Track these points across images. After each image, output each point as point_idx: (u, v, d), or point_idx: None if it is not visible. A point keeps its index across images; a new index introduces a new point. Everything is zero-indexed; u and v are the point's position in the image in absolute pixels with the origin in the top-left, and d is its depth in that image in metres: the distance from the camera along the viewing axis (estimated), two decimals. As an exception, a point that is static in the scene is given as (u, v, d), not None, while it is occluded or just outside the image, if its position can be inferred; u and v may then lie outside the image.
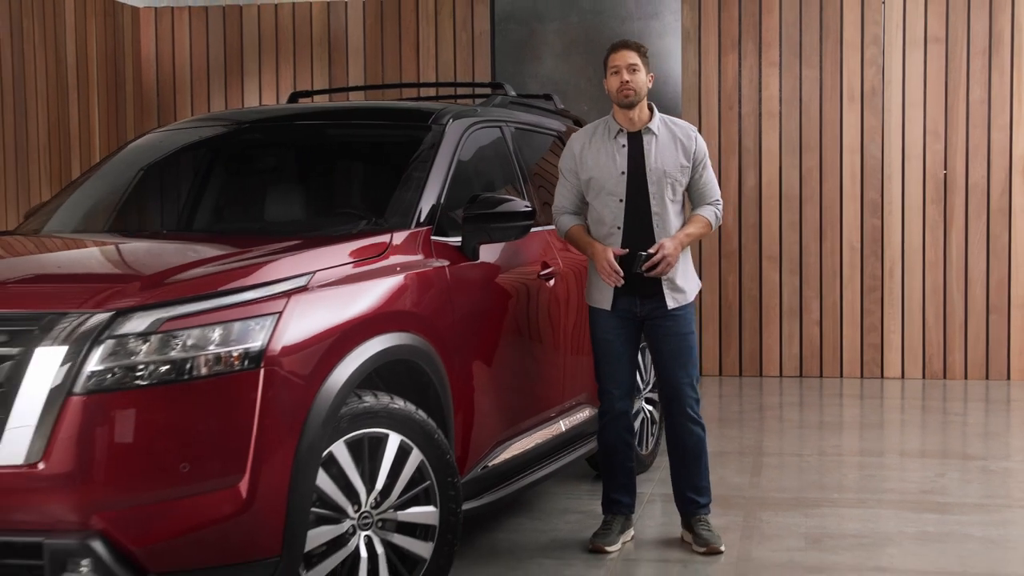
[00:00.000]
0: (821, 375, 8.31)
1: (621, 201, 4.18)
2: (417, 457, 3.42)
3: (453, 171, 4.12)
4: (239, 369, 2.98)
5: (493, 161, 4.60)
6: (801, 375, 8.33)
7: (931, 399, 7.48)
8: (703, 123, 8.35)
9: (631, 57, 4.18)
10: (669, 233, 4.15)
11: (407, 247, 3.73)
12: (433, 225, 3.89)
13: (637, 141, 4.21)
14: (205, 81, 9.20)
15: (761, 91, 8.34)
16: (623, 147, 4.20)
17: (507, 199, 3.98)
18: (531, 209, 4.03)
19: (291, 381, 3.07)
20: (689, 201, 4.34)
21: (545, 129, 5.19)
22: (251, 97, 9.13)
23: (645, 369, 5.25)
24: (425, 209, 3.89)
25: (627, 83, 4.15)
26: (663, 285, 4.17)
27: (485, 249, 4.07)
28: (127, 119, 8.98)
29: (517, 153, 4.75)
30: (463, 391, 3.84)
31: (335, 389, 3.18)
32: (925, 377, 8.18)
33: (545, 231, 4.65)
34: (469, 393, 3.88)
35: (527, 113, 5.12)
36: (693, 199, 4.32)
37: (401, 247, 3.70)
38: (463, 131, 4.32)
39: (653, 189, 4.16)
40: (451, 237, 3.96)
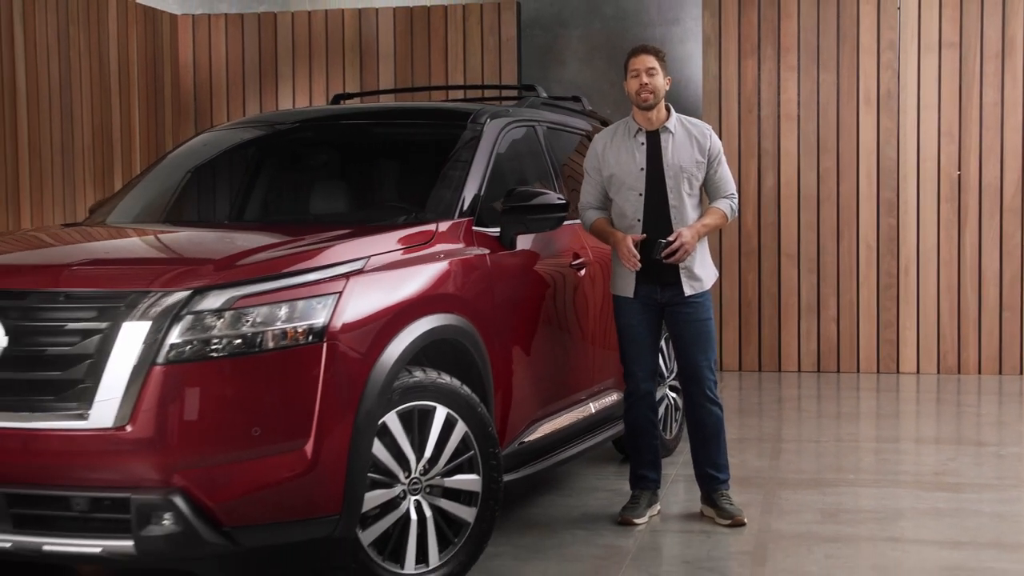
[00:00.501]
0: (838, 370, 8.55)
1: (640, 195, 4.46)
2: (462, 429, 3.70)
3: (491, 166, 4.41)
4: (304, 343, 3.27)
5: (527, 158, 4.88)
6: (819, 370, 8.57)
7: (945, 392, 7.72)
8: (723, 126, 8.62)
9: (650, 61, 4.47)
10: (686, 224, 4.43)
11: (451, 236, 4.02)
12: (474, 216, 4.18)
13: (655, 139, 4.49)
14: (240, 86, 9.52)
15: (780, 94, 8.60)
16: (642, 145, 4.49)
17: (542, 192, 4.26)
18: (565, 202, 4.31)
19: (350, 355, 3.35)
20: (706, 196, 4.62)
21: (574, 129, 5.47)
22: (285, 101, 9.45)
23: (668, 358, 5.52)
24: (467, 201, 4.18)
25: (645, 86, 4.44)
26: (681, 273, 4.45)
27: (522, 239, 4.35)
28: (165, 122, 9.32)
29: (549, 150, 5.03)
30: (502, 371, 4.11)
31: (389, 364, 3.46)
32: (940, 372, 8.40)
33: (576, 224, 4.93)
34: (508, 373, 4.16)
35: (557, 113, 5.40)
36: (710, 193, 4.60)
37: (445, 236, 3.99)
38: (500, 130, 4.60)
39: (670, 183, 4.45)
40: (490, 228, 4.24)
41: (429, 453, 3.62)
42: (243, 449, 3.18)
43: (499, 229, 4.26)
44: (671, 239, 4.36)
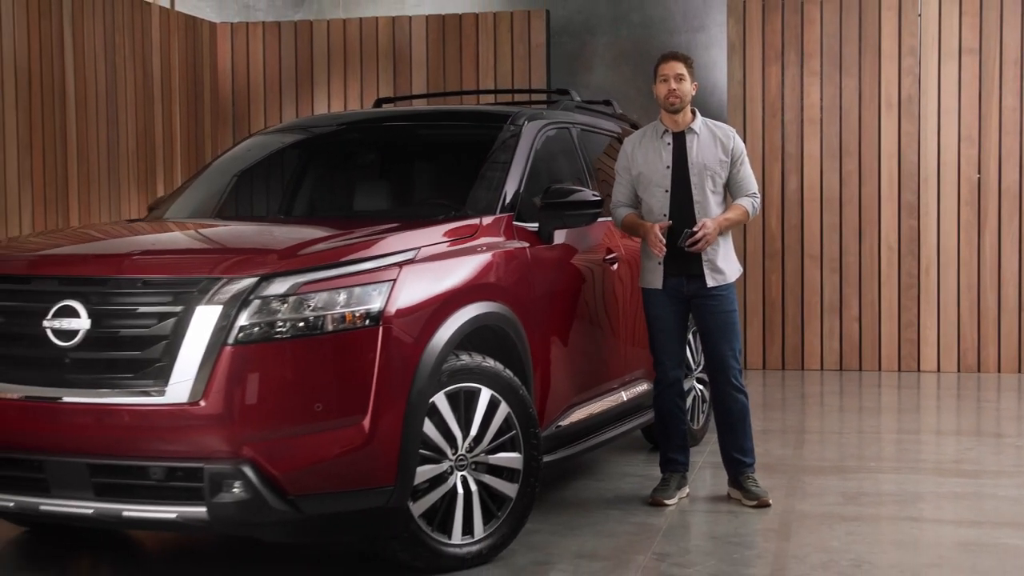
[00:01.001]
0: (860, 369, 8.75)
1: (666, 192, 4.71)
2: (505, 409, 3.95)
3: (529, 165, 4.66)
4: (361, 327, 3.53)
5: (562, 157, 5.13)
6: (841, 369, 8.78)
7: (965, 389, 7.91)
8: (747, 130, 8.84)
9: (678, 67, 4.73)
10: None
11: (493, 230, 4.27)
12: (514, 212, 4.43)
13: (681, 140, 4.75)
14: (277, 92, 9.82)
15: (803, 99, 8.82)
16: (668, 145, 4.75)
17: (578, 189, 4.52)
18: (599, 198, 4.56)
19: (403, 339, 3.61)
20: (730, 195, 4.86)
21: (606, 131, 5.71)
22: (320, 107, 9.74)
23: (695, 351, 5.75)
24: (508, 197, 4.44)
25: (674, 91, 4.70)
26: (704, 267, 4.69)
27: (559, 234, 4.61)
28: (204, 127, 9.63)
29: (582, 151, 5.28)
30: (541, 357, 4.36)
31: (439, 347, 3.72)
32: (960, 371, 8.59)
33: (608, 221, 5.17)
34: (546, 359, 4.41)
35: (590, 116, 5.65)
36: (733, 192, 4.85)
37: (488, 230, 4.25)
38: (537, 131, 4.86)
39: (695, 180, 4.70)
40: (529, 223, 4.49)
41: (474, 432, 3.87)
42: (306, 423, 3.44)
43: (538, 224, 4.51)
44: (695, 228, 4.60)
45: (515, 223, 4.41)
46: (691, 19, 9.53)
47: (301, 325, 3.47)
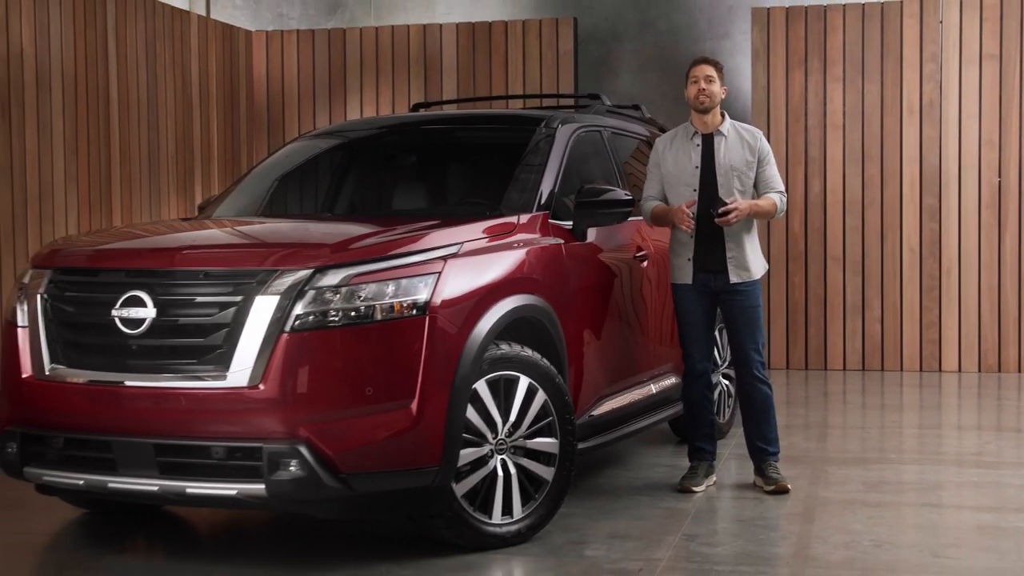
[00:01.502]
0: (882, 369, 8.90)
1: (694, 191, 4.93)
2: (542, 397, 4.16)
3: (563, 166, 4.88)
4: (408, 316, 3.76)
5: (594, 159, 5.35)
6: (863, 369, 8.94)
7: (986, 388, 8.05)
8: (771, 135, 9.03)
9: (708, 70, 4.97)
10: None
11: (530, 227, 4.49)
12: (550, 210, 4.65)
13: (709, 141, 4.97)
14: (311, 98, 10.07)
15: (826, 105, 9.01)
16: (697, 146, 4.97)
17: (611, 189, 4.73)
18: (631, 198, 4.77)
19: (448, 328, 3.84)
20: (757, 194, 5.07)
21: (635, 134, 5.93)
22: (353, 113, 9.99)
23: (721, 347, 5.95)
24: (543, 196, 4.66)
25: (703, 90, 4.93)
26: (729, 264, 4.89)
27: (591, 232, 4.82)
28: (240, 132, 9.90)
29: (613, 153, 5.49)
30: (575, 348, 4.58)
31: (480, 336, 3.94)
32: (981, 371, 8.73)
33: (639, 220, 5.38)
34: (580, 351, 4.62)
35: (620, 120, 5.86)
36: (760, 190, 5.06)
37: (525, 227, 4.47)
38: (571, 133, 5.07)
39: (722, 179, 4.92)
40: (564, 221, 4.71)
41: (513, 417, 4.08)
42: (358, 406, 3.67)
43: (572, 222, 4.72)
44: (728, 201, 4.79)
45: (550, 221, 4.62)
46: (716, 26, 9.73)
47: (352, 314, 3.69)
